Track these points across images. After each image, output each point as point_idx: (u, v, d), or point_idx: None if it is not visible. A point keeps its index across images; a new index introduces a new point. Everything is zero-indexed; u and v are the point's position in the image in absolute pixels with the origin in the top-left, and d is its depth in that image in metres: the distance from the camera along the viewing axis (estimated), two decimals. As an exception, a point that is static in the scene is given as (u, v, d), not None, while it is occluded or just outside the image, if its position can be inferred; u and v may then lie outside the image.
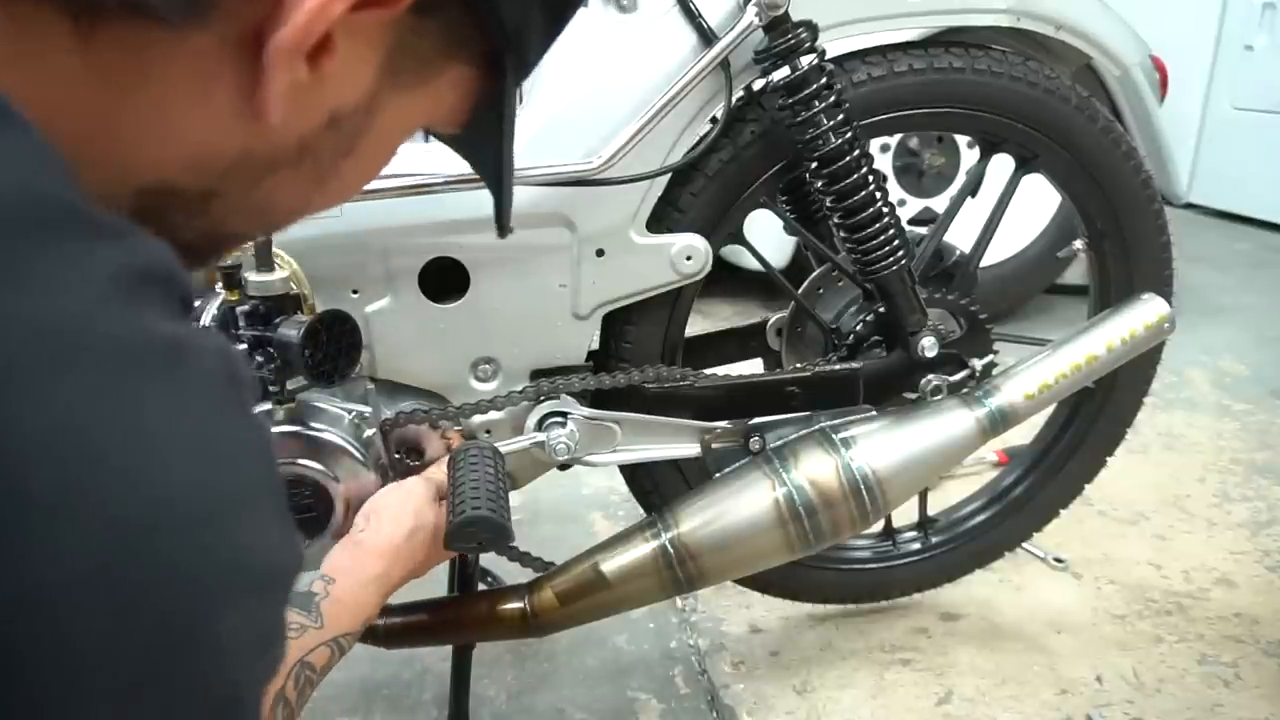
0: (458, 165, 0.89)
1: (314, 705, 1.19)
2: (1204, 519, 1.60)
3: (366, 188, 0.86)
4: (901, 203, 2.52)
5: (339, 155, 0.42)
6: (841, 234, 1.03)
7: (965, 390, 1.06)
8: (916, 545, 1.29)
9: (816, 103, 0.94)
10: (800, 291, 1.13)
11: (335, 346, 0.85)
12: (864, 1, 0.98)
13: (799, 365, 1.10)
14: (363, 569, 0.83)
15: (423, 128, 0.49)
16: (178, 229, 0.40)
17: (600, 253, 0.97)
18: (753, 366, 1.21)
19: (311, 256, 0.92)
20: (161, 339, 0.30)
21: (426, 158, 0.91)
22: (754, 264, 1.09)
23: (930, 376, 1.06)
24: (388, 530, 0.85)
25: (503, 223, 0.54)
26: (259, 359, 0.85)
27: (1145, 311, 1.07)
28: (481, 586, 1.13)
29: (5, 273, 0.27)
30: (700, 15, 0.93)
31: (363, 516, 0.87)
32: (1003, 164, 1.10)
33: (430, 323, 0.97)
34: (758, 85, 0.99)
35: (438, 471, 0.93)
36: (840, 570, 1.27)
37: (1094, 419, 1.23)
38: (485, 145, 0.49)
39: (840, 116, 0.95)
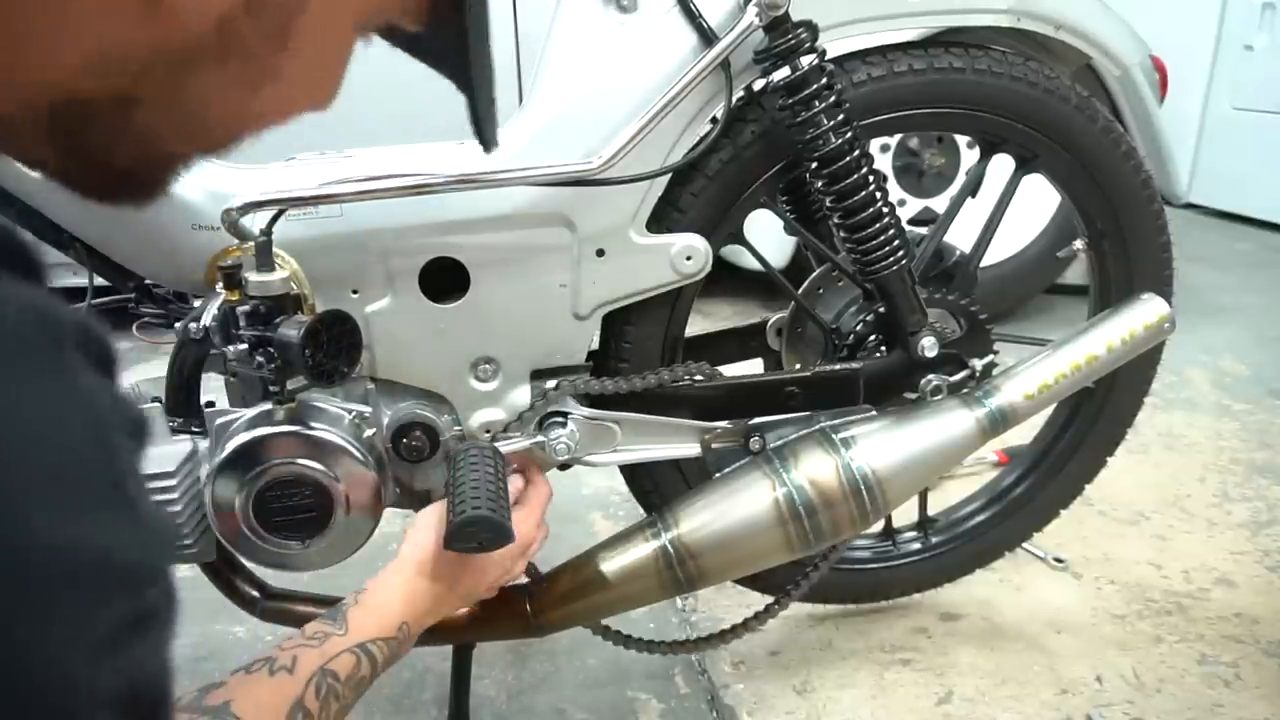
0: (458, 165, 0.90)
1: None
2: (1204, 519, 1.60)
3: (366, 188, 0.87)
4: (901, 203, 2.52)
5: (269, 48, 0.37)
6: (841, 234, 1.03)
7: (965, 390, 1.06)
8: (916, 545, 1.29)
9: (817, 103, 0.94)
10: (800, 291, 1.13)
11: (335, 346, 0.85)
12: (864, 1, 0.98)
13: (799, 365, 1.10)
14: (391, 575, 0.83)
15: (375, 23, 0.42)
16: (106, 151, 0.36)
17: (600, 253, 0.97)
18: (753, 366, 1.21)
19: (311, 256, 0.92)
20: None
21: (426, 158, 0.91)
22: (754, 264, 1.09)
23: (930, 376, 1.06)
24: (422, 540, 0.86)
25: (484, 135, 0.48)
26: (259, 359, 0.85)
27: (1145, 311, 1.07)
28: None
29: None
30: (700, 15, 0.93)
31: (408, 529, 0.88)
32: (1003, 164, 1.10)
33: (430, 323, 0.97)
34: (758, 85, 0.98)
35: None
36: (840, 570, 1.27)
37: (1094, 419, 1.23)
38: (454, 48, 0.43)
39: (840, 116, 0.95)
